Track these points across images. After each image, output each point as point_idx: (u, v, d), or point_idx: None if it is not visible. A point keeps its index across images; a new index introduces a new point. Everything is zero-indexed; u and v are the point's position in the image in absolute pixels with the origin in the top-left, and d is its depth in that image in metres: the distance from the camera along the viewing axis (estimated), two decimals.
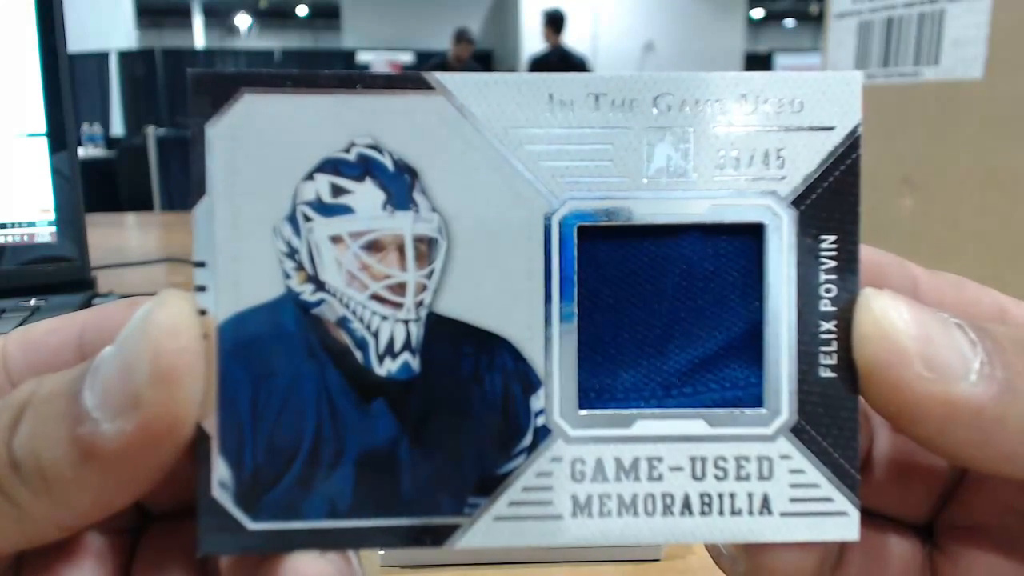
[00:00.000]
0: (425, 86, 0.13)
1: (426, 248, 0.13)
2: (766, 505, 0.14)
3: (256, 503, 0.13)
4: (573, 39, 5.03)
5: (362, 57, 7.51)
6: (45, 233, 0.65)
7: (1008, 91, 0.62)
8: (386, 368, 0.13)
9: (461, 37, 4.67)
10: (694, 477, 0.14)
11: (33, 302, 0.61)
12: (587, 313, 0.13)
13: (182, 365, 0.12)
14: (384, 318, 0.13)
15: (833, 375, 0.13)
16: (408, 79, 0.13)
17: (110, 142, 5.09)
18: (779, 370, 0.14)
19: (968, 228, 0.67)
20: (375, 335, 0.13)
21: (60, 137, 0.64)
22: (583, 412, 0.13)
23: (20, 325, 0.55)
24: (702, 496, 0.14)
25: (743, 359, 0.14)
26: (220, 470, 0.13)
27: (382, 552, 0.34)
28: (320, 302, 0.13)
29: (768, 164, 0.13)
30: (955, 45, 0.66)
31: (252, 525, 0.13)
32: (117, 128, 6.13)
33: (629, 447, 0.13)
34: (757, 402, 0.14)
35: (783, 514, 0.14)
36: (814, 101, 0.13)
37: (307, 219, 0.13)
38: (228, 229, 0.13)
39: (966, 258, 0.67)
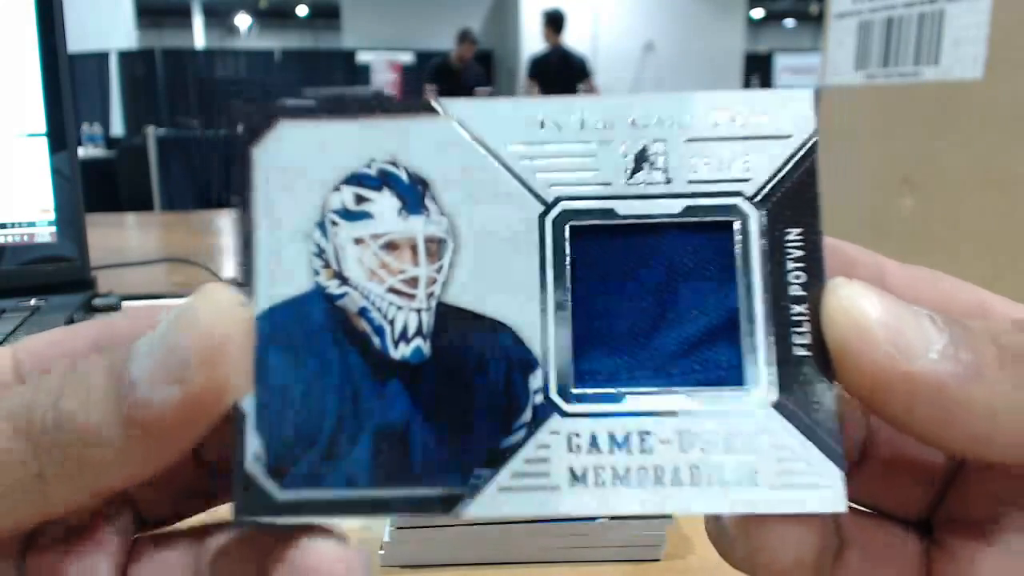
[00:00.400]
0: (436, 112, 0.15)
1: (436, 247, 0.15)
2: (753, 477, 0.14)
3: (284, 475, 0.14)
4: (573, 39, 5.03)
5: (362, 57, 7.50)
6: (45, 233, 0.65)
7: (1008, 91, 0.62)
8: (400, 352, 0.15)
9: (464, 37, 4.66)
10: (682, 450, 0.14)
11: (33, 302, 0.61)
12: (580, 302, 0.15)
13: (228, 347, 0.13)
14: (399, 308, 0.15)
15: (808, 354, 0.14)
16: (421, 106, 0.15)
17: (110, 142, 5.08)
18: (757, 351, 0.15)
19: (968, 228, 0.67)
20: (391, 323, 0.15)
21: (60, 137, 0.64)
22: (577, 390, 0.15)
23: (20, 325, 0.55)
24: (691, 467, 0.14)
25: (724, 342, 0.15)
26: (254, 445, 0.14)
27: (382, 552, 0.34)
28: (344, 295, 0.15)
29: (736, 168, 0.15)
30: (955, 45, 0.66)
31: (281, 495, 0.14)
32: (117, 128, 6.12)
33: (621, 421, 0.15)
34: (739, 381, 0.15)
35: (771, 486, 0.14)
36: (774, 114, 0.15)
37: (334, 224, 0.15)
38: (267, 235, 0.15)
39: (966, 258, 0.67)
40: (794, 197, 0.15)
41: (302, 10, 11.17)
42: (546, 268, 0.15)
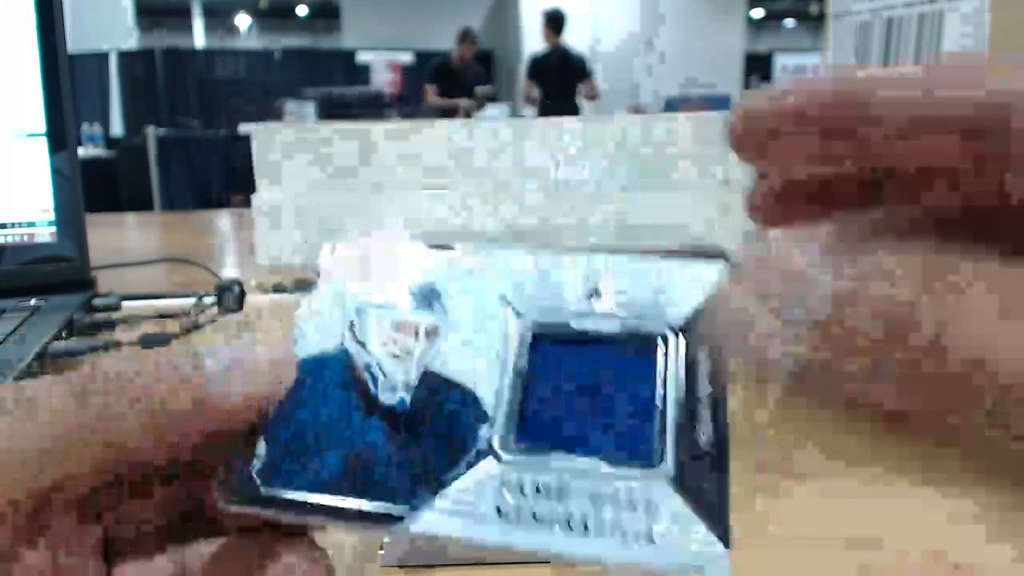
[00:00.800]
0: (454, 250, 0.21)
1: (433, 332, 0.20)
2: (650, 537, 0.17)
3: (271, 475, 0.18)
4: (573, 39, 5.03)
5: (362, 57, 7.50)
6: (45, 233, 0.65)
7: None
8: (387, 398, 0.19)
9: (465, 37, 4.65)
10: (593, 504, 0.17)
11: (33, 302, 0.61)
12: (532, 384, 0.19)
13: (283, 374, 0.19)
14: (394, 368, 0.20)
15: (708, 443, 0.18)
16: (446, 247, 0.21)
17: (110, 142, 5.08)
18: (667, 437, 0.18)
19: None
20: (386, 376, 0.20)
21: (60, 137, 0.64)
22: (515, 444, 0.18)
23: (20, 325, 0.55)
24: (597, 520, 0.17)
25: (642, 429, 0.18)
26: (260, 447, 0.18)
27: (382, 552, 0.34)
28: (358, 354, 0.20)
29: (664, 303, 0.20)
30: (955, 45, 0.66)
31: (264, 490, 0.18)
32: (117, 128, 6.12)
33: (546, 474, 0.18)
34: (649, 460, 0.18)
35: (663, 547, 0.17)
36: (698, 271, 0.20)
37: (366, 310, 0.21)
38: (321, 313, 0.21)
39: None
40: (708, 325, 0.19)
41: (302, 10, 11.17)
42: (509, 356, 0.19)
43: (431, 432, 0.19)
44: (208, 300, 0.66)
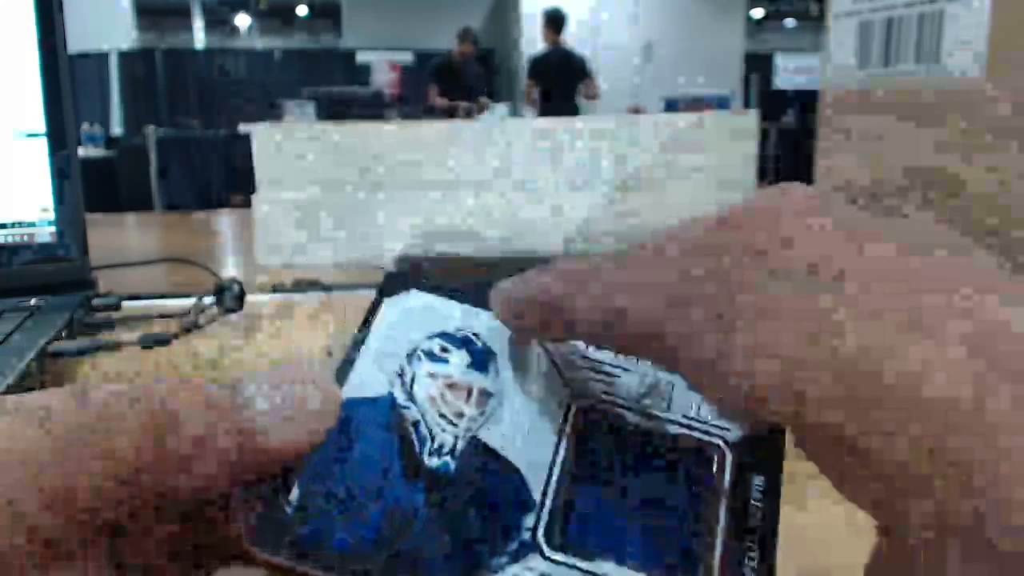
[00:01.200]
0: None
1: (485, 397, 0.19)
2: None
3: (304, 523, 0.17)
4: (573, 39, 5.02)
5: (362, 57, 7.49)
6: (45, 233, 0.65)
7: (1008, 91, 0.62)
8: (432, 461, 0.18)
9: (465, 36, 4.65)
10: None
11: (33, 302, 0.61)
12: (581, 475, 0.18)
13: (328, 414, 0.18)
14: (443, 430, 0.19)
15: (754, 567, 0.17)
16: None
17: (110, 142, 5.08)
18: (713, 561, 0.17)
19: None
20: (433, 438, 0.19)
21: (60, 137, 0.64)
22: (560, 540, 0.17)
23: (20, 325, 0.55)
24: None
25: (687, 545, 0.18)
26: (294, 492, 0.17)
27: None
28: (407, 407, 0.19)
29: (722, 418, 0.19)
30: (955, 45, 0.66)
31: (295, 535, 0.17)
32: (117, 128, 6.11)
33: None
34: None
35: None
36: None
37: (419, 359, 0.20)
38: (371, 353, 0.20)
39: None
40: (763, 451, 0.19)
41: (302, 10, 11.15)
42: (561, 441, 0.19)
43: (473, 509, 0.18)
44: (208, 300, 0.66)
